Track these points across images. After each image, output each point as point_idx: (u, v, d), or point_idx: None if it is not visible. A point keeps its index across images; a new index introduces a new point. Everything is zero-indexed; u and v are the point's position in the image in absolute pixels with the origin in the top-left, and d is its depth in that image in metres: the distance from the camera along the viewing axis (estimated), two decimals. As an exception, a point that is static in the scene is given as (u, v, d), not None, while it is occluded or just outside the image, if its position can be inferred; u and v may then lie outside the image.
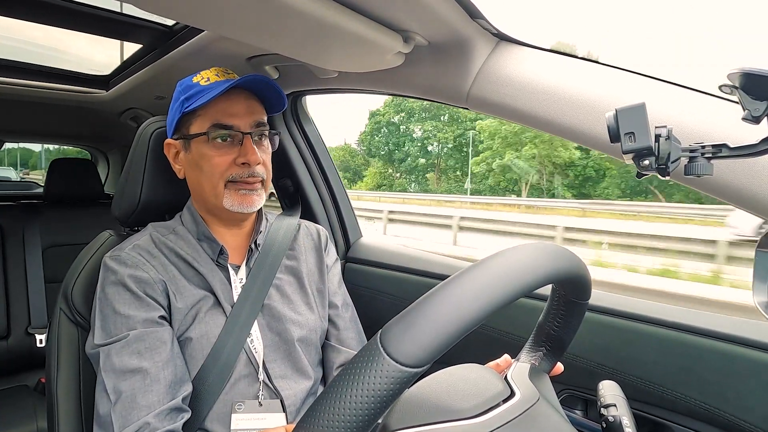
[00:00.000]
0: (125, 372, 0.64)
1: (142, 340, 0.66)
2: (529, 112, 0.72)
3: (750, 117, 0.39)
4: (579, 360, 0.83)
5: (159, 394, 0.63)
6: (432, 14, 0.70)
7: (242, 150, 0.74)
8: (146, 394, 0.63)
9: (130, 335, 0.66)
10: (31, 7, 1.06)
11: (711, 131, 0.58)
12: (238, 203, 0.75)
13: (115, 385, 0.64)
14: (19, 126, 2.14)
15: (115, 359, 0.65)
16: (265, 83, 0.75)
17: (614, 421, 0.48)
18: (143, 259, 0.73)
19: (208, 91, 0.72)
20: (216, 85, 0.73)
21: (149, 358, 0.65)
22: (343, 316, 0.89)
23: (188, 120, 0.76)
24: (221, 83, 0.73)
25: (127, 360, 0.65)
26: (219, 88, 0.71)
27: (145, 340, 0.66)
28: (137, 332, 0.66)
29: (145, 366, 0.64)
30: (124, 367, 0.64)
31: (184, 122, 0.77)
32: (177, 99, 0.77)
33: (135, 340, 0.66)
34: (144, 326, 0.67)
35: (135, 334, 0.66)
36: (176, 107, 0.77)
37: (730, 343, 0.69)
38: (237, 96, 0.75)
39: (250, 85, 0.76)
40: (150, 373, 0.64)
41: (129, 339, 0.66)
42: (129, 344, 0.66)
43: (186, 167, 0.79)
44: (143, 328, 0.67)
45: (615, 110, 0.42)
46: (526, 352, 0.56)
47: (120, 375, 0.64)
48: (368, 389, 0.30)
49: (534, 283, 0.38)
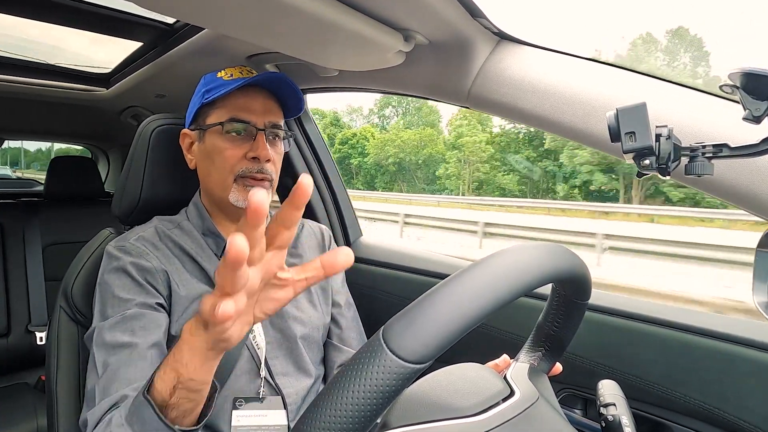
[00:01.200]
0: (115, 346, 0.64)
1: (137, 319, 0.66)
2: (530, 112, 0.72)
3: (751, 117, 0.39)
4: (578, 359, 0.83)
5: (143, 371, 0.62)
6: (433, 13, 0.70)
7: (254, 145, 0.75)
8: (129, 368, 0.62)
9: (127, 313, 0.66)
10: (32, 5, 1.06)
11: (712, 131, 0.58)
12: (243, 199, 0.75)
13: (104, 360, 0.63)
14: (20, 124, 2.14)
15: (107, 334, 0.64)
16: (285, 83, 0.77)
17: (613, 420, 0.48)
18: (147, 250, 0.73)
19: (229, 85, 0.74)
20: (238, 81, 0.75)
21: (141, 336, 0.64)
22: (345, 315, 0.89)
23: (206, 111, 0.78)
24: (243, 79, 0.75)
25: (119, 336, 0.64)
26: (239, 82, 0.73)
27: (140, 320, 0.66)
28: (134, 311, 0.66)
29: (136, 342, 0.64)
30: (114, 341, 0.64)
31: (202, 113, 0.78)
32: (199, 91, 0.80)
33: (130, 318, 0.65)
34: (141, 308, 0.67)
35: (131, 313, 0.66)
36: (197, 99, 0.79)
37: (730, 343, 0.69)
38: (257, 94, 0.77)
39: (271, 86, 0.78)
40: (138, 349, 0.63)
41: (125, 316, 0.65)
42: (124, 321, 0.65)
43: (198, 158, 0.80)
44: (140, 309, 0.67)
45: (616, 110, 0.42)
46: (525, 352, 0.56)
47: (110, 349, 0.64)
48: (370, 385, 0.30)
49: (535, 282, 0.38)
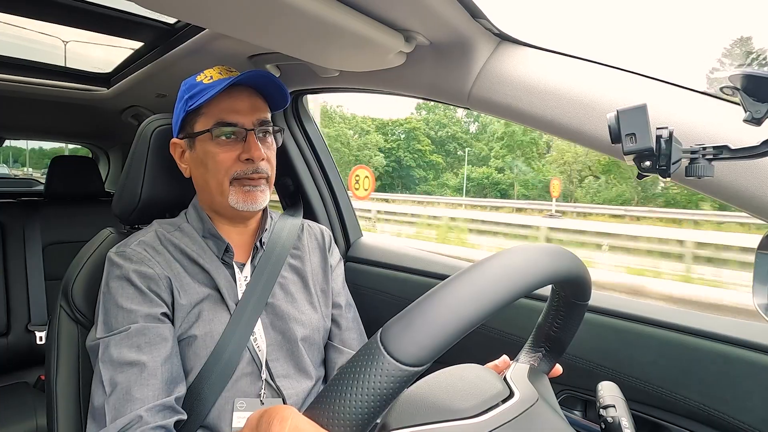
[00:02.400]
0: (123, 364, 0.63)
1: (143, 334, 0.65)
2: (531, 113, 0.72)
3: (751, 119, 0.39)
4: (578, 361, 0.83)
5: (155, 389, 0.63)
6: (434, 14, 0.70)
7: (246, 146, 0.74)
8: (142, 388, 0.62)
9: (132, 328, 0.65)
10: (33, 5, 1.07)
11: (712, 133, 0.58)
12: (243, 201, 0.75)
13: (111, 377, 0.63)
14: (21, 123, 2.14)
15: (114, 351, 0.64)
16: (267, 79, 0.76)
17: (613, 422, 0.47)
18: (148, 255, 0.73)
19: (211, 89, 0.72)
20: (218, 83, 0.73)
21: (148, 352, 0.64)
22: (346, 316, 0.89)
23: (192, 118, 0.77)
24: (224, 81, 0.73)
25: (126, 352, 0.64)
26: (221, 85, 0.71)
27: (146, 335, 0.66)
28: (138, 326, 0.66)
29: (143, 360, 0.64)
30: (122, 359, 0.64)
31: (189, 121, 0.77)
32: (181, 98, 0.78)
33: (136, 334, 0.65)
34: (146, 321, 0.67)
35: (136, 328, 0.66)
36: (180, 106, 0.77)
37: (730, 345, 0.69)
38: (240, 93, 0.75)
39: (253, 82, 0.76)
40: (148, 367, 0.63)
41: (130, 332, 0.65)
42: (129, 337, 0.65)
43: (191, 166, 0.79)
44: (145, 322, 0.66)
45: (616, 111, 0.42)
46: (525, 353, 0.56)
47: (117, 367, 0.63)
48: (368, 388, 0.30)
49: (534, 284, 0.38)
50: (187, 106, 0.75)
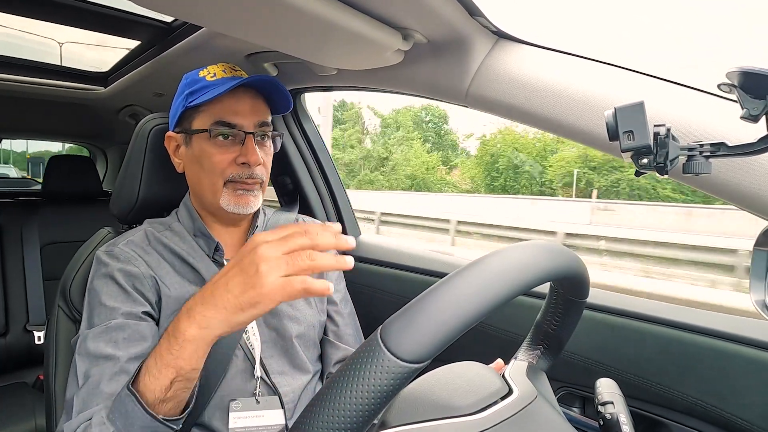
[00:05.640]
0: (98, 357, 0.62)
1: (122, 329, 0.64)
2: (528, 110, 0.72)
3: (748, 115, 0.39)
4: (577, 358, 0.83)
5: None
6: (431, 12, 0.70)
7: (243, 150, 0.73)
8: (111, 383, 0.60)
9: (111, 323, 0.65)
10: (30, 4, 1.06)
11: (710, 130, 0.58)
12: (234, 203, 0.74)
13: (86, 370, 0.62)
14: (18, 123, 2.13)
15: (91, 344, 0.63)
16: (272, 84, 0.74)
17: (611, 418, 0.48)
18: (135, 255, 0.72)
19: (214, 87, 0.71)
20: (222, 82, 0.72)
21: (125, 348, 0.63)
22: (341, 312, 0.89)
23: (191, 114, 0.75)
24: (227, 80, 0.72)
25: (103, 346, 0.63)
26: (225, 85, 0.70)
27: (125, 331, 0.65)
28: (119, 321, 0.65)
29: (118, 355, 0.62)
30: (98, 352, 0.63)
31: (187, 116, 0.76)
32: (181, 92, 0.76)
33: (115, 329, 0.64)
34: (126, 318, 0.66)
35: (116, 323, 0.65)
36: (180, 101, 0.76)
37: (728, 342, 0.69)
38: (242, 94, 0.74)
39: (257, 84, 0.75)
40: (120, 363, 0.62)
41: (109, 326, 0.64)
42: (108, 331, 0.64)
43: (186, 162, 0.78)
44: (125, 319, 0.66)
45: (614, 108, 0.42)
46: (523, 350, 0.57)
47: (93, 360, 0.62)
48: (368, 384, 0.30)
49: (533, 281, 0.38)
50: (187, 101, 0.74)
